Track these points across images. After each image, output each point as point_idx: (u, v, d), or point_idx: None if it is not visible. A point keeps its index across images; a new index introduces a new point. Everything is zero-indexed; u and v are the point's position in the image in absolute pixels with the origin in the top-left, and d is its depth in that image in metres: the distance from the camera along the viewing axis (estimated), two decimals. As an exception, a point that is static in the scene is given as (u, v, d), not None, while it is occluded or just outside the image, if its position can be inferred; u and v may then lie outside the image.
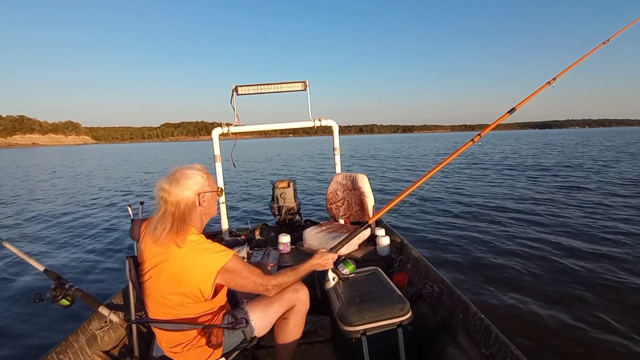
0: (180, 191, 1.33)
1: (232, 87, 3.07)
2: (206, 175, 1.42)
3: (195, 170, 1.40)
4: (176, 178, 1.35)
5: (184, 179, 1.35)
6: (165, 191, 1.33)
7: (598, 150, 21.97)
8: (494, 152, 23.12)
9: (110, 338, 1.90)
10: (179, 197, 1.33)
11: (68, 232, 6.41)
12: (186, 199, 1.34)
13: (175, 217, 1.32)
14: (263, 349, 1.97)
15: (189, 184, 1.36)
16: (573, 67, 2.45)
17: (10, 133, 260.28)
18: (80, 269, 4.49)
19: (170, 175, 1.36)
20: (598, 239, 4.80)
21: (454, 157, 2.16)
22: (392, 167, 17.02)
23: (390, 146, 42.64)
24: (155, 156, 37.36)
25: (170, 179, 1.35)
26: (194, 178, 1.37)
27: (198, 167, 1.42)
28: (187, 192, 1.35)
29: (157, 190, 1.35)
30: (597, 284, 3.44)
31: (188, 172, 1.38)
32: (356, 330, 1.62)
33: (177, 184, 1.34)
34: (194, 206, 1.38)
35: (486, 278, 3.69)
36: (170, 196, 1.33)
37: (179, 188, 1.33)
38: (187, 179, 1.36)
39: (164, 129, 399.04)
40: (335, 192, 3.12)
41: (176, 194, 1.33)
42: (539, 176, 11.34)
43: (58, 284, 1.75)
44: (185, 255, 1.31)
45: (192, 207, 1.37)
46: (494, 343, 1.45)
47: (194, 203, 1.37)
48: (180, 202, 1.33)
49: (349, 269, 1.80)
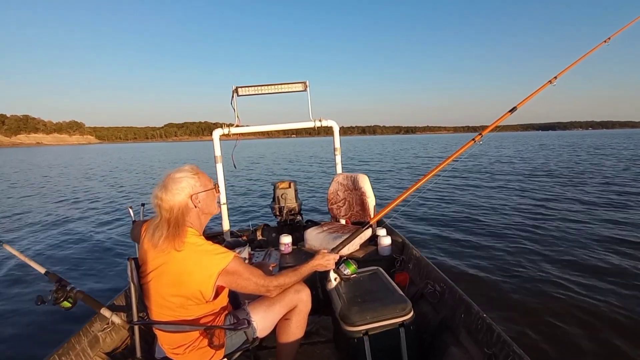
0: (171, 197, 1.33)
1: (233, 88, 3.07)
2: (196, 175, 1.40)
3: (184, 173, 1.38)
4: (165, 184, 1.34)
5: (173, 184, 1.34)
6: (158, 198, 1.33)
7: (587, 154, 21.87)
8: (496, 152, 23.10)
9: (113, 340, 1.90)
10: (170, 202, 1.33)
11: (69, 234, 6.40)
12: (178, 203, 1.34)
13: (170, 222, 1.32)
14: (265, 349, 1.97)
15: (179, 189, 1.34)
16: (574, 66, 2.45)
17: (15, 132, 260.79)
18: (82, 270, 4.49)
19: (162, 182, 1.36)
20: (604, 237, 4.79)
21: (455, 157, 2.16)
22: (394, 167, 17.00)
23: (393, 147, 42.59)
24: (152, 157, 37.40)
25: (162, 185, 1.35)
26: (184, 181, 1.36)
27: (187, 169, 1.40)
28: (178, 197, 1.34)
29: (152, 198, 1.36)
30: (601, 282, 3.43)
31: (177, 175, 1.36)
32: (358, 330, 1.62)
33: (167, 191, 1.33)
34: (188, 209, 1.37)
35: (487, 277, 3.68)
36: (163, 203, 1.33)
37: (170, 194, 1.33)
38: (176, 183, 1.35)
39: (167, 129, 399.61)
40: (336, 193, 3.12)
41: (168, 200, 1.32)
42: (541, 177, 11.32)
43: (59, 286, 1.74)
44: (185, 258, 1.31)
45: (187, 211, 1.36)
46: (496, 342, 1.44)
47: (187, 206, 1.36)
48: (173, 207, 1.33)
49: (351, 270, 1.80)
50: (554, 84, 2.36)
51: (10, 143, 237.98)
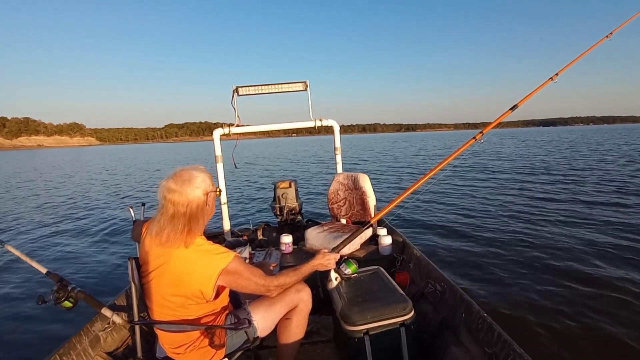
0: (191, 190, 1.32)
1: (233, 87, 3.07)
2: (209, 175, 1.43)
3: (200, 171, 1.39)
4: (185, 178, 1.33)
5: (191, 178, 1.34)
6: (175, 192, 1.31)
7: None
8: (496, 149, 23.07)
9: (113, 339, 1.90)
10: (190, 196, 1.32)
11: (70, 234, 6.42)
12: (197, 198, 1.34)
13: (187, 217, 1.31)
14: (266, 349, 1.97)
15: (198, 184, 1.35)
16: (575, 62, 2.44)
17: (16, 135, 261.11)
18: (83, 270, 4.50)
19: (176, 176, 1.34)
20: (606, 238, 4.78)
21: (456, 155, 2.15)
22: (395, 166, 17.00)
23: (392, 145, 42.55)
24: (151, 158, 37.42)
25: (177, 179, 1.33)
26: (201, 177, 1.37)
27: (201, 168, 1.42)
28: (197, 192, 1.34)
29: (164, 191, 1.32)
30: (602, 282, 3.42)
31: (194, 172, 1.37)
32: (359, 329, 1.62)
33: (189, 184, 1.32)
34: (204, 205, 1.38)
35: (488, 277, 3.68)
36: (182, 196, 1.31)
37: (190, 187, 1.32)
38: (195, 178, 1.35)
39: (168, 129, 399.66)
40: (336, 192, 3.12)
41: (187, 193, 1.31)
42: (544, 175, 11.30)
43: (61, 285, 1.75)
44: (186, 257, 1.31)
45: (203, 207, 1.37)
46: (496, 341, 1.44)
47: (204, 203, 1.37)
48: (192, 201, 1.32)
49: (352, 269, 1.80)
50: (555, 80, 2.35)
51: (12, 146, 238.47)
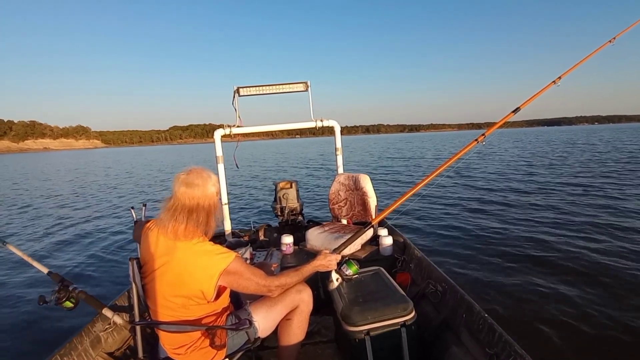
0: (210, 186, 1.40)
1: (234, 88, 3.07)
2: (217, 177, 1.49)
3: (211, 172, 1.46)
4: (205, 175, 1.39)
5: (208, 176, 1.41)
6: (198, 186, 1.36)
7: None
8: (499, 151, 23.03)
9: (114, 340, 1.90)
10: (208, 191, 1.38)
11: (71, 234, 6.43)
12: (213, 195, 1.41)
13: (205, 209, 1.37)
14: (267, 349, 1.97)
15: (213, 183, 1.42)
16: (579, 66, 2.43)
17: (23, 138, 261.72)
18: (84, 271, 4.50)
19: (194, 172, 1.39)
20: (608, 237, 4.76)
21: (458, 157, 2.15)
22: (395, 167, 16.99)
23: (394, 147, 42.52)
24: (154, 160, 37.45)
25: (197, 175, 1.38)
26: (215, 177, 1.44)
27: (210, 170, 1.48)
28: (214, 189, 1.41)
29: (184, 184, 1.35)
30: (604, 282, 3.41)
31: (208, 171, 1.44)
32: (360, 330, 1.61)
33: (209, 180, 1.39)
34: (218, 203, 1.44)
35: (489, 277, 3.67)
36: (204, 191, 1.37)
37: (210, 183, 1.40)
38: (211, 177, 1.42)
39: (172, 132, 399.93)
40: (337, 193, 3.12)
41: (208, 187, 1.38)
42: (545, 174, 11.28)
43: (62, 286, 1.75)
44: (187, 258, 1.32)
45: (217, 204, 1.44)
46: (497, 342, 1.44)
47: (217, 201, 1.44)
48: (210, 197, 1.39)
49: (353, 270, 1.79)
50: (558, 84, 2.34)
51: (18, 149, 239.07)
